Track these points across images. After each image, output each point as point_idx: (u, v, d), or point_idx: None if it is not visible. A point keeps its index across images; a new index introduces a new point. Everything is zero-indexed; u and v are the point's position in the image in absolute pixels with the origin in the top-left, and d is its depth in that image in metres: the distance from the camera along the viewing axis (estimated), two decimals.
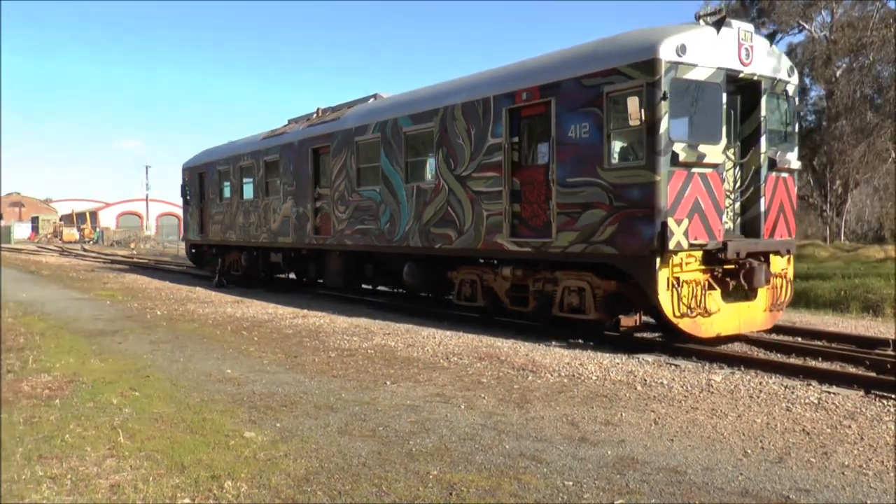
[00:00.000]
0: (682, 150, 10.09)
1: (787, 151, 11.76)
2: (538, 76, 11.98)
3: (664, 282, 10.15)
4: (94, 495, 4.84)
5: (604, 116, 10.73)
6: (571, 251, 11.25)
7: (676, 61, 10.14)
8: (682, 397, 7.77)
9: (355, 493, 4.90)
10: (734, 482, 5.19)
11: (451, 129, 13.48)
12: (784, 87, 11.69)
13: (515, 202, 12.32)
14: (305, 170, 18.24)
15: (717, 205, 10.51)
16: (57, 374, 8.58)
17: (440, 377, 8.71)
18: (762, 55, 11.24)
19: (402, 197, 14.81)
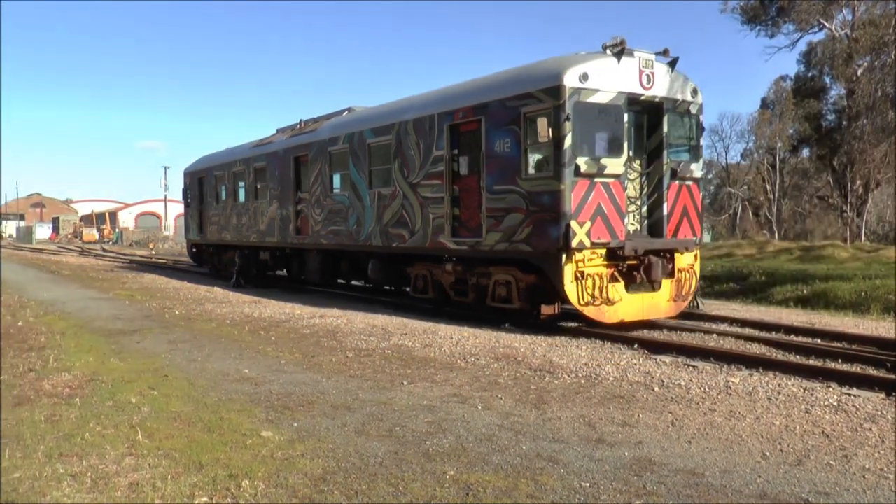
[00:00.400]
0: (584, 163, 11.71)
1: (691, 163, 13.37)
2: (471, 97, 13.71)
3: (570, 275, 11.73)
4: (114, 493, 4.88)
5: (521, 133, 12.35)
6: (497, 249, 12.92)
7: (579, 87, 11.74)
8: (699, 399, 7.73)
9: (372, 493, 4.91)
10: (752, 485, 5.16)
11: (405, 142, 15.21)
12: (687, 106, 13.29)
13: (455, 207, 13.97)
14: (288, 176, 20.10)
15: (618, 209, 12.15)
16: (77, 373, 8.66)
17: (457, 377, 8.71)
18: (663, 80, 12.87)
19: (367, 201, 16.61)
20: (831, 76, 48.03)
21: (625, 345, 11.13)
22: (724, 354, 10.13)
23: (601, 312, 11.99)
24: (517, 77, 13.00)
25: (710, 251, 41.28)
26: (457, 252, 14.00)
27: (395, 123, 15.63)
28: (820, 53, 48.36)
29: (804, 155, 63.37)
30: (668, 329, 12.97)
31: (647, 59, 12.58)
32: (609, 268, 12.08)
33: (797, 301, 20.10)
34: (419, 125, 14.81)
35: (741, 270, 25.35)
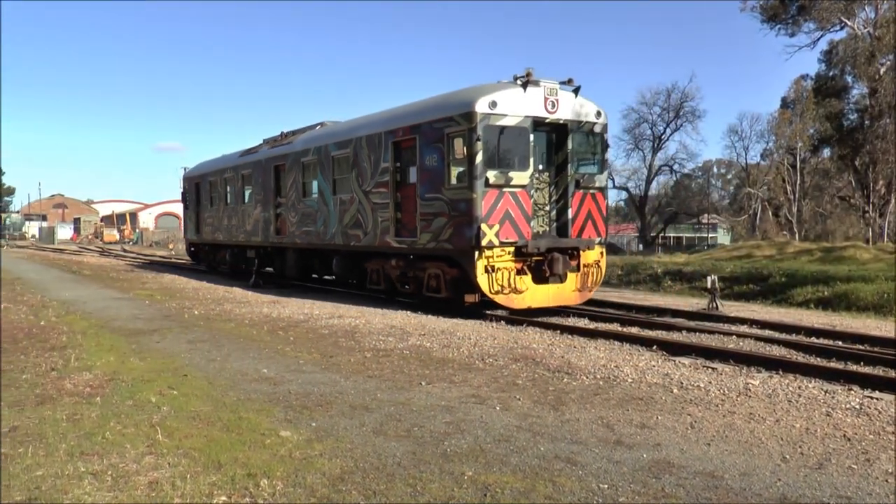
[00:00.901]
0: (493, 175, 13.92)
1: (595, 174, 15.66)
2: (409, 119, 16.03)
3: (481, 268, 13.93)
4: (134, 492, 4.92)
5: (445, 150, 14.62)
6: (428, 247, 15.24)
7: (489, 113, 13.91)
8: (719, 401, 7.68)
9: (390, 493, 4.91)
10: (772, 488, 5.12)
11: (360, 155, 17.60)
12: (591, 126, 15.48)
13: (398, 211, 16.35)
14: (269, 183, 22.60)
15: (525, 214, 14.34)
16: (98, 373, 8.73)
17: (475, 378, 8.70)
18: (568, 105, 15.03)
19: (331, 206, 18.99)
20: (853, 75, 47.58)
21: (643, 346, 11.09)
22: (743, 356, 10.07)
23: (510, 300, 14.25)
24: (442, 103, 15.34)
25: (728, 252, 41.01)
26: (399, 250, 16.38)
27: (353, 139, 18.02)
28: (841, 52, 47.90)
29: (825, 155, 62.88)
30: (688, 331, 12.90)
31: (551, 87, 14.76)
32: (516, 263, 14.27)
33: (818, 302, 19.95)
34: (371, 141, 17.18)
35: (761, 271, 25.18)
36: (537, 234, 14.93)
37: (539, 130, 14.74)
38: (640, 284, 28.86)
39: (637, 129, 76.97)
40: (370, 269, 17.84)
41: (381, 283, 17.47)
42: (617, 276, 31.83)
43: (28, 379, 8.37)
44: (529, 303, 14.45)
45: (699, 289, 23.12)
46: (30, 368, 8.95)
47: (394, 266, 16.71)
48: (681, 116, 74.76)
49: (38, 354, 9.95)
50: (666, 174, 78.51)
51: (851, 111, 52.84)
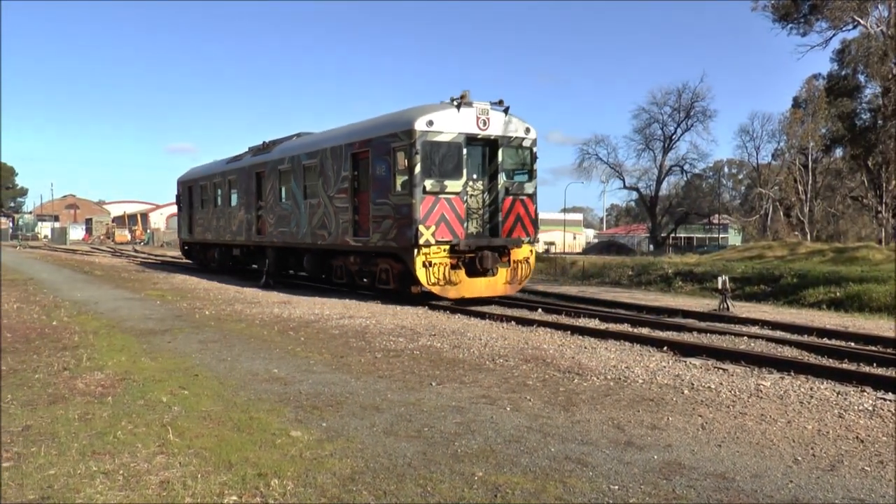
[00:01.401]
0: (429, 184, 16.09)
1: (524, 183, 17.79)
2: (364, 133, 18.47)
3: (420, 263, 16.06)
4: (145, 491, 4.94)
5: (392, 162, 16.91)
6: (379, 245, 17.56)
7: (426, 130, 16.14)
8: (730, 402, 7.65)
9: (400, 494, 4.92)
10: (784, 490, 5.09)
11: (326, 164, 19.83)
12: (521, 141, 17.67)
13: (356, 214, 18.57)
14: (251, 187, 24.89)
15: (458, 217, 16.56)
16: (109, 372, 8.77)
17: (486, 379, 8.70)
18: (498, 122, 17.24)
19: (302, 209, 21.20)
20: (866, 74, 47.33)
21: (654, 347, 11.06)
22: (754, 357, 10.02)
23: (445, 290, 16.40)
24: (390, 121, 17.72)
25: (739, 253, 40.83)
26: (356, 248, 18.63)
27: (320, 150, 20.31)
28: (854, 51, 47.67)
29: (837, 155, 62.58)
30: (698, 331, 12.86)
31: (483, 108, 16.96)
32: (451, 259, 16.41)
33: (830, 303, 19.83)
34: (334, 152, 19.45)
35: (772, 272, 25.06)
36: (471, 234, 17.09)
37: (472, 145, 16.91)
38: (650, 285, 28.78)
39: (648, 130, 76.86)
40: (335, 265, 20.18)
41: (344, 277, 19.81)
42: (627, 276, 31.75)
43: (40, 378, 8.41)
44: (463, 293, 16.69)
45: (710, 289, 23.03)
46: (42, 368, 9.00)
47: (353, 262, 19.21)
48: (692, 116, 74.61)
49: (51, 354, 10.00)
50: (677, 174, 78.35)
51: (864, 111, 52.57)
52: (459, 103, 16.61)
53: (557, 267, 42.64)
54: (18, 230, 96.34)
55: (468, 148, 16.69)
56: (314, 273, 21.55)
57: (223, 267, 28.86)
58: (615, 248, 77.77)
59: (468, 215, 16.94)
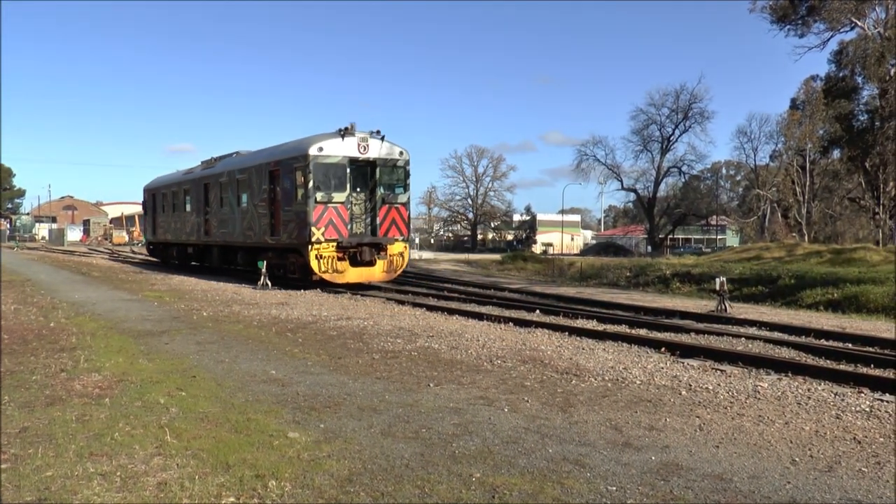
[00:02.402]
0: (320, 196, 20.78)
1: (398, 195, 22.43)
2: (277, 155, 23.34)
3: (313, 256, 20.68)
4: (143, 493, 4.93)
5: (294, 178, 21.59)
6: (286, 243, 22.26)
7: (317, 154, 20.90)
8: (727, 403, 7.66)
9: (398, 495, 4.91)
10: (781, 491, 5.10)
11: (252, 179, 24.58)
12: (395, 162, 22.43)
13: (272, 218, 23.19)
14: (201, 196, 29.40)
15: (343, 221, 21.23)
16: (107, 374, 8.76)
17: (483, 380, 8.70)
18: (375, 148, 21.91)
19: (237, 214, 25.89)
20: (863, 76, 47.41)
21: (652, 348, 11.07)
22: (752, 358, 10.04)
23: (334, 277, 21.01)
24: (293, 147, 22.61)
25: (737, 254, 40.87)
26: (273, 245, 23.32)
27: (249, 166, 25.15)
28: (851, 53, 47.72)
29: (835, 156, 62.61)
30: (696, 333, 12.88)
31: (363, 136, 21.67)
32: (337, 253, 21.04)
33: (827, 304, 19.87)
34: (258, 169, 24.30)
35: (770, 273, 25.10)
36: (354, 234, 21.81)
37: (355, 165, 21.65)
38: (648, 286, 28.81)
39: (646, 131, 77.13)
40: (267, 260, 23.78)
41: (276, 269, 23.49)
42: (625, 277, 31.77)
43: (38, 380, 8.40)
44: (348, 279, 21.36)
45: (708, 291, 23.06)
46: (40, 369, 8.99)
47: (271, 257, 23.36)
48: (689, 118, 74.91)
49: (48, 356, 9.99)
50: (675, 176, 78.58)
51: (861, 112, 52.65)
52: (344, 133, 21.42)
53: (555, 268, 42.65)
54: (16, 231, 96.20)
55: (351, 168, 21.46)
56: (247, 264, 26.01)
57: (181, 263, 33.84)
58: (613, 250, 77.91)
59: (352, 219, 21.72)
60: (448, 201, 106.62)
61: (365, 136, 21.60)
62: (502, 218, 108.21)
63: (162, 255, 36.86)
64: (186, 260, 33.14)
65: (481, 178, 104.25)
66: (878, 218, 48.55)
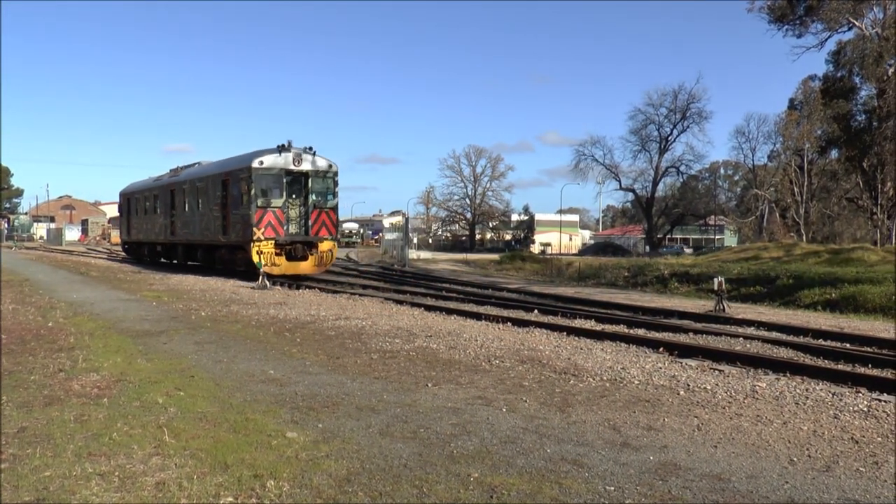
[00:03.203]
0: (261, 201, 24.61)
1: (328, 201, 26.28)
2: (228, 167, 27.42)
3: (255, 252, 24.10)
4: (141, 492, 4.93)
5: (241, 187, 25.30)
6: (235, 241, 26.20)
7: (258, 167, 24.73)
8: (725, 403, 7.67)
9: (396, 495, 4.92)
10: (779, 491, 5.11)
11: (209, 187, 28.59)
12: (325, 173, 26.26)
13: (224, 220, 27.00)
14: (168, 200, 33.47)
15: (280, 223, 25.03)
16: (105, 374, 8.76)
17: (482, 380, 8.70)
18: (308, 161, 25.79)
19: (197, 217, 30.02)
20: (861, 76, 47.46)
21: (650, 348, 11.08)
22: (750, 358, 10.06)
23: (272, 269, 24.35)
24: (240, 160, 26.63)
25: (735, 254, 40.89)
26: (225, 243, 27.37)
27: (206, 175, 29.24)
28: (850, 53, 47.78)
29: (833, 156, 62.69)
30: (694, 332, 12.89)
31: (297, 151, 25.63)
32: (276, 249, 24.87)
33: (825, 304, 19.89)
34: (213, 178, 28.27)
35: (768, 273, 25.13)
36: (290, 233, 25.56)
37: (290, 176, 25.63)
38: (646, 286, 28.82)
39: (644, 131, 77.16)
40: (216, 256, 28.91)
41: (221, 264, 28.36)
42: (624, 277, 31.78)
43: (36, 380, 8.39)
44: (283, 271, 25.01)
45: (706, 291, 23.08)
46: (38, 369, 8.98)
47: (224, 253, 27.92)
48: (687, 118, 74.96)
49: (46, 355, 9.98)
50: (673, 176, 78.59)
51: (859, 112, 52.69)
52: (281, 149, 25.49)
53: (553, 268, 42.66)
54: (14, 231, 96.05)
55: (287, 178, 25.54)
56: (205, 261, 30.24)
57: (152, 260, 38.04)
58: (611, 250, 77.88)
59: (288, 221, 25.54)
60: (446, 201, 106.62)
61: (299, 151, 25.69)
62: (500, 218, 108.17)
63: (135, 253, 41.18)
64: (156, 257, 37.18)
65: (479, 178, 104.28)
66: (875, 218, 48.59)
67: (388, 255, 55.37)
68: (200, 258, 30.46)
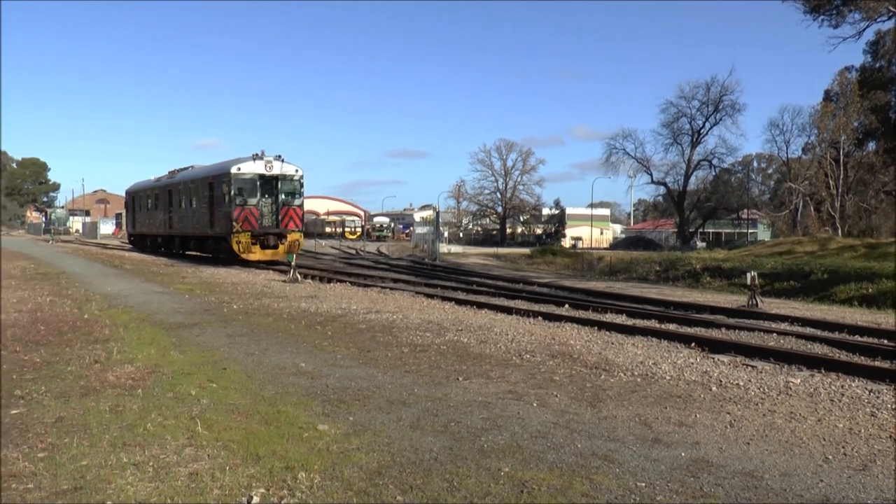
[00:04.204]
0: (239, 200, 29.08)
1: (295, 200, 30.37)
2: (213, 172, 31.60)
3: (234, 242, 28.75)
4: (174, 482, 4.99)
5: (224, 188, 29.70)
6: (219, 233, 30.23)
7: (237, 173, 29.26)
8: (758, 399, 7.58)
9: (427, 488, 4.93)
10: (814, 489, 5.04)
11: (199, 188, 32.94)
12: (292, 177, 30.34)
13: (211, 216, 31.33)
14: (166, 198, 38.45)
15: (255, 217, 29.19)
16: (139, 365, 8.88)
17: (512, 374, 8.69)
18: (278, 167, 29.87)
19: (189, 213, 34.56)
20: None
21: (681, 343, 10.99)
22: (784, 354, 9.92)
23: (248, 256, 29.04)
24: (222, 166, 30.99)
25: (769, 248, 40.37)
26: (211, 235, 31.81)
27: (196, 178, 33.73)
28: (889, 43, 46.88)
29: (870, 148, 61.55)
30: (726, 328, 12.75)
31: (268, 159, 29.92)
32: (252, 239, 29.10)
33: (861, 300, 19.57)
34: (202, 181, 32.73)
35: (802, 268, 24.78)
36: (263, 226, 29.75)
37: (263, 180, 29.87)
38: (678, 281, 28.57)
39: (676, 124, 76.29)
40: (206, 246, 33.58)
41: (210, 252, 33.12)
42: (655, 272, 31.53)
43: (73, 371, 8.54)
44: (258, 258, 29.55)
45: (738, 285, 22.83)
46: (75, 360, 9.14)
47: (211, 243, 32.58)
48: (720, 110, 73.94)
49: (83, 347, 10.14)
50: (705, 169, 77.64)
51: None
52: (255, 157, 30.09)
53: (584, 262, 42.45)
54: (51, 224, 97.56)
55: (260, 181, 29.83)
56: (198, 250, 35.09)
57: (153, 249, 42.43)
58: (643, 244, 77.28)
59: (261, 216, 29.79)
60: (477, 195, 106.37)
61: (270, 159, 30.23)
62: (531, 212, 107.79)
63: (139, 244, 46.24)
64: (157, 247, 41.97)
65: (510, 171, 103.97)
66: None
67: (418, 249, 55.51)
68: (193, 247, 35.55)
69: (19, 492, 4.82)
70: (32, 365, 8.86)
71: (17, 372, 8.45)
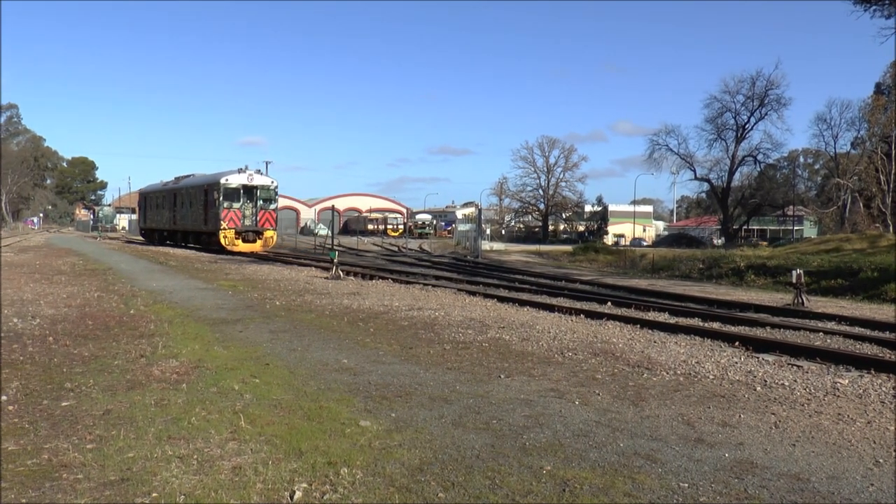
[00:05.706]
0: (226, 204, 38.81)
1: (270, 204, 40.28)
2: (206, 181, 41.81)
3: (221, 237, 38.45)
4: (218, 476, 5.06)
5: (214, 195, 39.34)
6: (210, 229, 40.13)
7: (225, 183, 38.87)
8: (804, 400, 7.44)
9: (468, 485, 4.93)
10: (863, 493, 4.93)
11: (197, 193, 42.29)
12: (268, 186, 40.18)
13: (205, 216, 40.68)
14: (171, 200, 47.34)
15: (239, 218, 38.82)
16: (184, 360, 9.02)
17: (554, 372, 8.65)
18: (258, 178, 39.82)
19: (189, 213, 43.77)
20: None
21: (725, 342, 10.84)
22: (831, 354, 9.73)
23: (232, 248, 37.82)
24: (213, 177, 40.74)
25: (815, 245, 39.59)
26: (205, 231, 40.62)
27: (195, 185, 42.91)
28: None
29: None
30: (771, 326, 12.54)
31: (251, 173, 39.40)
32: (235, 235, 38.31)
33: None
34: (198, 188, 41.77)
35: (850, 266, 24.27)
36: (245, 225, 38.26)
37: (245, 188, 38.37)
38: (721, 278, 28.17)
39: (720, 119, 75.21)
40: (202, 239, 41.51)
41: (205, 245, 40.77)
42: (698, 269, 31.13)
43: (119, 365, 8.70)
44: (241, 249, 37.13)
45: (784, 284, 22.43)
46: (121, 355, 9.31)
47: (205, 237, 40.46)
48: (765, 105, 72.72)
49: (129, 342, 10.33)
50: (749, 165, 76.41)
51: None
52: (240, 171, 38.79)
53: (627, 259, 42.09)
54: (99, 222, 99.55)
55: (243, 190, 38.34)
56: (197, 243, 42.85)
57: (160, 242, 50.21)
58: (686, 241, 76.34)
59: (244, 217, 38.14)
60: (519, 192, 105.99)
61: (252, 172, 39.15)
62: (574, 209, 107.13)
63: (150, 238, 54.86)
64: (164, 240, 50.11)
65: (552, 168, 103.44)
66: None
67: (460, 247, 55.54)
68: (192, 240, 44.25)
69: (70, 482, 4.92)
70: (81, 359, 9.05)
71: (67, 365, 8.63)
